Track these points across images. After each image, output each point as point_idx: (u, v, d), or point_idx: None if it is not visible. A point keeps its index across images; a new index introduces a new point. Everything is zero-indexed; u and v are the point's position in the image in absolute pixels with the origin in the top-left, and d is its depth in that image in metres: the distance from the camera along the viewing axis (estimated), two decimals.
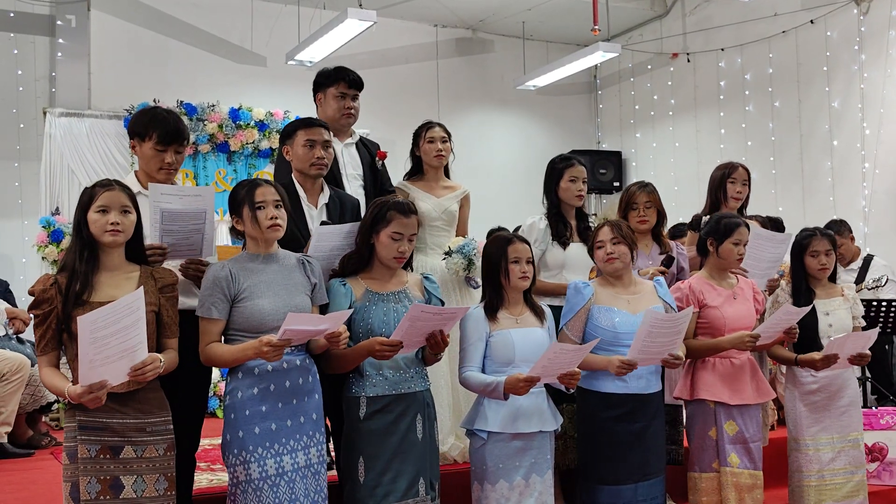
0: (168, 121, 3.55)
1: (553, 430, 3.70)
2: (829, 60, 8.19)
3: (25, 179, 7.99)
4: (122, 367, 2.83)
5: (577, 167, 4.50)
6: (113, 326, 2.75)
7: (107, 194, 3.07)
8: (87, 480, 2.93)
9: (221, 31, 9.00)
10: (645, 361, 3.74)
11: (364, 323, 3.46)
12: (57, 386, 2.97)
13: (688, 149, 9.74)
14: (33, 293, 3.03)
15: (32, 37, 8.21)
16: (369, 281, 3.55)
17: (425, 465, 3.51)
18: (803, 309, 4.18)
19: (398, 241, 3.50)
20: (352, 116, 4.50)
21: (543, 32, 10.50)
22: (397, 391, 3.48)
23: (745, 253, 4.38)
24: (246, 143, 8.41)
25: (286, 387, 3.27)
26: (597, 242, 3.92)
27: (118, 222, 3.05)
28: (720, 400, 4.09)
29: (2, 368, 5.28)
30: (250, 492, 3.18)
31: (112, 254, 3.10)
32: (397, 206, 3.53)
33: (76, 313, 2.92)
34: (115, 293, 3.02)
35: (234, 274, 3.28)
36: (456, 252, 4.49)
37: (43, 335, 3.01)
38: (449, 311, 3.39)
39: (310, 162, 3.87)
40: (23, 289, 7.11)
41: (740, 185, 4.95)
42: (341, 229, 3.70)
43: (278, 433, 3.24)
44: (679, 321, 3.73)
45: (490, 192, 8.54)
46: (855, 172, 7.94)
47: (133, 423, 3.01)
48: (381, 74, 9.46)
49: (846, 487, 4.35)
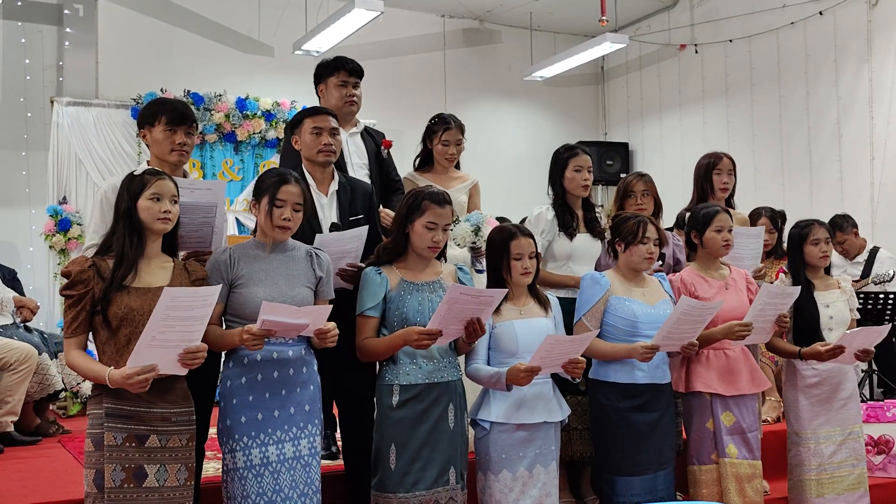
0: (176, 104, 3.66)
1: (560, 420, 3.71)
2: (838, 52, 8.16)
3: (33, 168, 8.00)
4: (173, 355, 2.87)
5: (581, 156, 4.47)
6: (186, 311, 2.81)
7: (160, 183, 3.13)
8: (112, 468, 2.95)
9: (229, 21, 9.00)
10: (666, 347, 3.78)
11: (399, 312, 3.48)
12: (91, 368, 2.98)
13: (695, 140, 9.72)
14: (68, 274, 3.04)
15: (40, 26, 8.22)
16: (404, 270, 3.57)
17: (456, 454, 3.53)
18: (791, 289, 4.20)
19: (433, 230, 3.51)
20: (354, 104, 4.50)
21: (551, 23, 10.47)
22: (430, 380, 3.50)
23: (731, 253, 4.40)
24: (253, 133, 8.41)
25: (275, 377, 3.28)
26: (643, 237, 3.90)
27: (170, 210, 3.12)
28: (715, 391, 4.09)
29: (9, 357, 5.29)
30: (237, 480, 3.21)
31: (154, 242, 3.15)
32: (432, 196, 3.54)
33: (116, 296, 2.99)
34: (152, 280, 3.08)
35: (234, 259, 3.30)
36: (464, 221, 4.49)
37: (76, 317, 3.02)
38: (486, 293, 3.40)
39: (317, 149, 3.88)
40: (30, 277, 7.17)
41: (726, 176, 4.92)
42: (342, 236, 3.71)
43: (265, 423, 3.25)
44: (708, 310, 3.79)
45: (496, 183, 8.52)
46: (863, 164, 7.91)
47: (160, 412, 3.03)
48: (388, 64, 9.46)
49: (847, 480, 4.36)
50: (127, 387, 2.88)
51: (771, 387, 5.37)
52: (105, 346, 3.03)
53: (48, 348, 5.75)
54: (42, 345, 5.70)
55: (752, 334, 4.02)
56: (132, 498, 2.96)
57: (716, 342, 4.08)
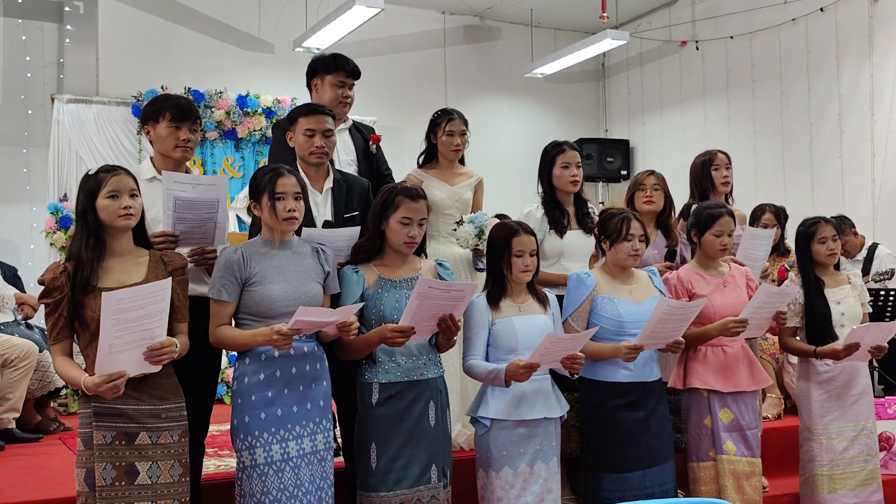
0: (180, 100, 3.66)
1: (559, 416, 3.70)
2: (839, 48, 8.14)
3: (33, 166, 8.00)
4: (139, 355, 2.86)
5: (568, 153, 4.45)
6: (137, 311, 2.78)
7: (115, 179, 3.07)
8: (102, 466, 2.95)
9: (229, 18, 8.98)
10: (650, 346, 3.77)
11: (376, 310, 3.48)
12: (72, 376, 2.97)
13: (696, 137, 9.70)
14: (43, 282, 3.03)
15: (40, 23, 8.20)
16: (382, 268, 3.57)
17: (437, 452, 3.52)
18: (788, 289, 4.19)
19: (407, 225, 3.51)
20: (348, 105, 4.49)
21: (551, 20, 10.46)
22: (410, 378, 3.50)
23: (742, 252, 4.40)
24: (253, 131, 8.40)
25: (293, 373, 3.29)
26: (627, 235, 3.89)
27: (130, 206, 3.06)
28: (712, 388, 4.08)
29: (10, 354, 5.30)
30: (255, 476, 3.20)
31: (121, 239, 3.10)
32: (405, 192, 3.54)
33: (88, 300, 2.95)
34: (125, 278, 3.04)
35: (246, 258, 3.30)
36: (468, 223, 4.49)
37: (55, 324, 3.01)
38: (457, 286, 3.38)
39: (309, 151, 3.88)
40: (31, 275, 7.15)
41: (724, 170, 4.92)
42: (333, 233, 3.70)
43: (284, 419, 3.25)
44: (690, 310, 3.77)
45: (497, 180, 8.45)
46: (864, 161, 7.90)
47: (148, 409, 3.02)
48: (388, 61, 9.45)
49: (860, 476, 4.35)
50: (100, 394, 2.87)
51: (772, 384, 5.37)
52: (87, 349, 3.02)
53: (49, 346, 5.75)
54: (43, 342, 5.70)
55: (747, 330, 4.00)
56: (124, 496, 2.96)
57: (711, 339, 4.07)
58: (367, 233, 3.63)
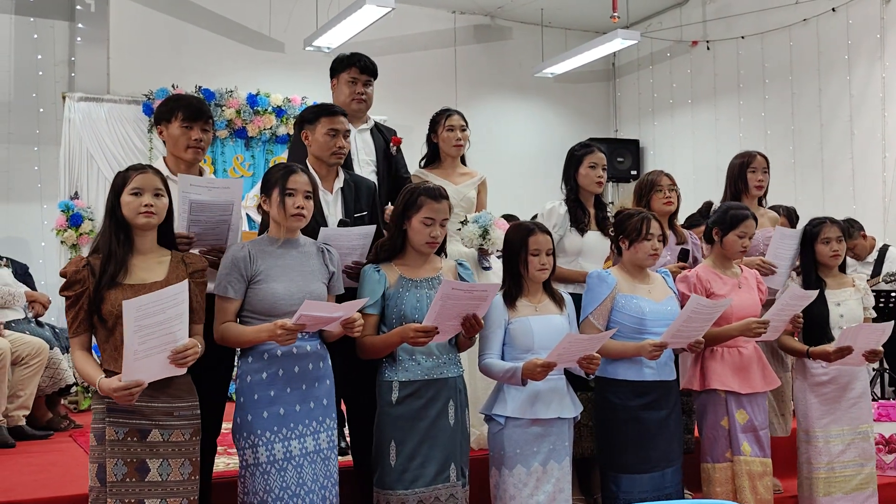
0: (192, 99, 3.68)
1: (573, 417, 3.70)
2: (850, 49, 8.12)
3: (45, 164, 8.02)
4: (163, 359, 2.87)
5: (596, 154, 4.49)
6: (158, 316, 2.79)
7: (140, 177, 3.10)
8: (113, 462, 2.96)
9: (240, 17, 9.01)
10: (674, 344, 3.78)
11: (397, 309, 3.49)
12: (88, 373, 2.99)
13: (707, 138, 9.69)
14: (65, 275, 3.05)
15: (52, 21, 8.23)
16: (403, 267, 3.58)
17: (456, 451, 3.53)
18: (811, 292, 4.17)
19: (430, 226, 3.52)
20: (363, 102, 4.50)
21: (562, 19, 10.45)
22: (430, 376, 3.51)
23: (772, 252, 4.37)
24: (264, 129, 8.41)
25: (295, 372, 3.29)
26: (647, 234, 3.88)
27: (151, 204, 3.08)
28: (731, 389, 4.08)
29: (21, 352, 5.32)
30: (259, 475, 3.21)
31: (145, 237, 3.13)
32: (428, 192, 3.55)
33: (109, 294, 2.97)
34: (147, 276, 3.07)
35: (252, 255, 3.30)
36: (472, 222, 4.49)
37: (75, 317, 3.03)
38: (480, 287, 3.40)
39: (331, 151, 3.88)
40: (42, 272, 7.19)
41: (761, 174, 4.89)
42: (349, 232, 3.72)
43: (287, 418, 3.26)
44: (716, 309, 3.79)
45: (507, 180, 8.51)
46: (875, 162, 7.87)
47: (162, 407, 3.03)
48: (398, 61, 9.45)
49: (855, 480, 4.34)
50: (114, 399, 2.88)
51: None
52: (105, 344, 3.04)
53: (59, 343, 5.78)
54: (53, 339, 5.73)
55: (767, 332, 4.00)
56: (134, 492, 2.97)
57: (730, 339, 4.07)
58: (388, 231, 3.64)
